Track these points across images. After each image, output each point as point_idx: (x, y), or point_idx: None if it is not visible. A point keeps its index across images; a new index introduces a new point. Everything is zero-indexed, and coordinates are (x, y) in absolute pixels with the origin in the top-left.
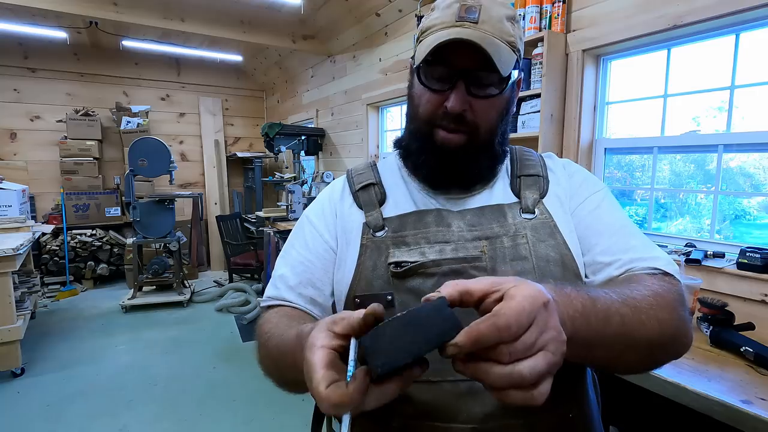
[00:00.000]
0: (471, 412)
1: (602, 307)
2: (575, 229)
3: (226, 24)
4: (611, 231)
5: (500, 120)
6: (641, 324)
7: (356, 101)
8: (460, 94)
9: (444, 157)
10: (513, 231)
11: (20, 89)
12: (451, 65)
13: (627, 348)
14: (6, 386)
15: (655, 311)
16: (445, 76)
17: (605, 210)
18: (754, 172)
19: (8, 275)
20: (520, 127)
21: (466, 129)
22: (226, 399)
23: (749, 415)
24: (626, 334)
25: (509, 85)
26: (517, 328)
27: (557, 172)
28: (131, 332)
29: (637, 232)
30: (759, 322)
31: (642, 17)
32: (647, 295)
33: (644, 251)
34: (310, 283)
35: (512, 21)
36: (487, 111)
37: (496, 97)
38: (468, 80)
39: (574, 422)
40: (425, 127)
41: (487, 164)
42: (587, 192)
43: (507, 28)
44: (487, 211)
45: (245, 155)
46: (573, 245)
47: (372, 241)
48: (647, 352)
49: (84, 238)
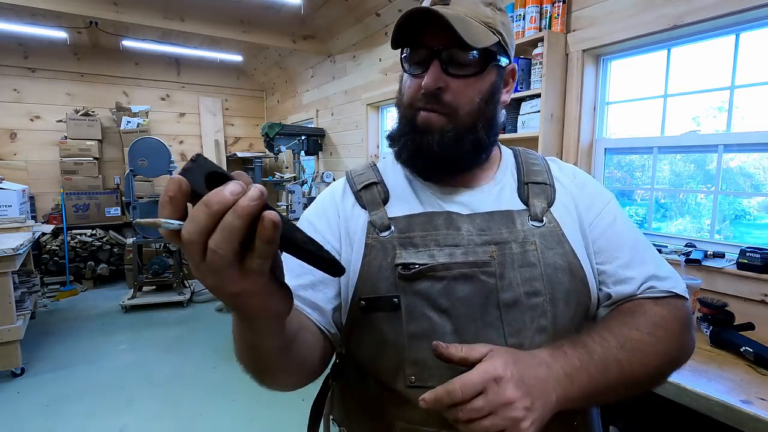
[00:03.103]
0: None
1: (600, 358)
2: (597, 240)
3: (226, 24)
4: (629, 245)
5: (483, 104)
6: (641, 364)
7: (356, 101)
8: (434, 71)
9: (423, 137)
10: (522, 237)
11: (20, 89)
12: (426, 46)
13: (631, 386)
14: (6, 386)
15: (654, 347)
16: (423, 59)
17: (621, 222)
18: (754, 172)
19: (8, 275)
20: (520, 127)
21: (443, 109)
22: (226, 399)
23: (749, 415)
24: (627, 376)
25: (491, 67)
26: (463, 395)
27: (564, 181)
28: (131, 332)
29: (648, 244)
30: (759, 322)
31: (642, 17)
32: (647, 333)
33: (658, 267)
34: (310, 285)
35: (491, 6)
36: (464, 91)
37: (475, 77)
38: (442, 59)
39: (579, 428)
40: (408, 111)
41: (470, 148)
42: (601, 203)
43: (482, 10)
44: (496, 216)
45: (245, 155)
46: (581, 253)
47: (378, 241)
48: (651, 382)
49: (84, 238)
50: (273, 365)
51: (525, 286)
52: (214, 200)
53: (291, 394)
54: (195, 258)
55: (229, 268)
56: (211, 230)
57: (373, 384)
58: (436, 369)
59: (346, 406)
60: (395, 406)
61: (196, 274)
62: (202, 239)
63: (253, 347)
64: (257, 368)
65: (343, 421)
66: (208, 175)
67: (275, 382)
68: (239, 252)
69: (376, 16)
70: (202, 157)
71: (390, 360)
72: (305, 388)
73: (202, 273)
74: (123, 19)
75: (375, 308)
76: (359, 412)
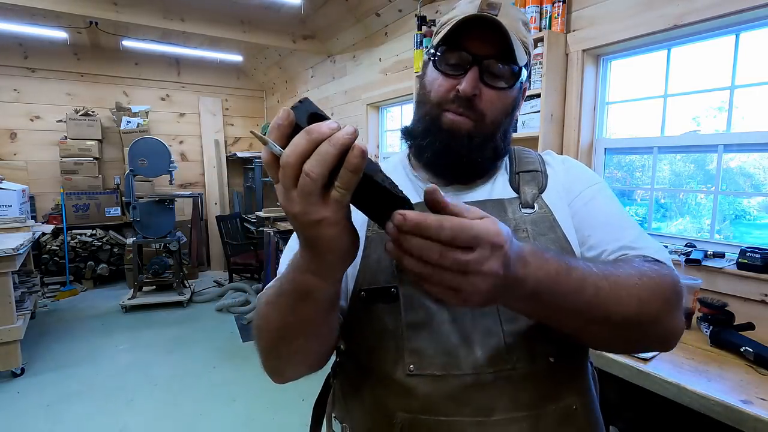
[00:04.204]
0: (477, 405)
1: (577, 275)
2: (572, 219)
3: (226, 24)
4: (604, 223)
5: (505, 116)
6: (618, 299)
7: (356, 101)
8: (473, 77)
9: (449, 139)
10: (513, 225)
11: (20, 89)
12: (468, 51)
13: (599, 320)
14: (6, 386)
15: (637, 290)
16: (461, 62)
17: (599, 202)
18: (754, 172)
19: (8, 275)
20: (520, 127)
21: (473, 115)
22: (226, 399)
23: (749, 415)
24: (599, 306)
25: (518, 83)
26: (452, 237)
27: (555, 166)
28: (131, 332)
29: (631, 224)
30: (759, 322)
31: (642, 17)
32: (632, 274)
33: (636, 242)
34: None
35: (526, 26)
36: (494, 102)
37: (506, 90)
38: (482, 67)
39: (578, 413)
40: (435, 110)
41: (490, 155)
42: (583, 185)
43: (522, 29)
44: (488, 205)
45: (245, 155)
46: (572, 238)
47: (377, 234)
48: (623, 329)
49: (84, 238)
50: (310, 327)
51: None
52: (314, 129)
53: (291, 394)
54: (287, 182)
55: (316, 194)
56: (307, 156)
57: (373, 376)
58: (435, 357)
59: (347, 403)
60: (395, 396)
61: (284, 203)
62: (298, 162)
63: (305, 297)
64: (291, 331)
65: (344, 417)
66: (311, 114)
67: (291, 359)
68: (327, 180)
69: (376, 16)
70: (308, 100)
71: (389, 350)
72: (304, 388)
73: (290, 200)
74: (123, 19)
75: (374, 299)
76: (360, 407)
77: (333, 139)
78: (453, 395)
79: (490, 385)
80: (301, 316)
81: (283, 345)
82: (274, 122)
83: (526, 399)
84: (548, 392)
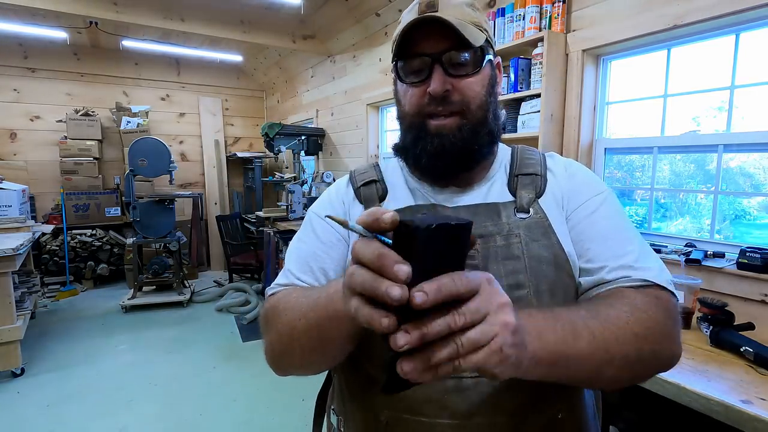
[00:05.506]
0: (456, 408)
1: (567, 321)
2: (572, 230)
3: (226, 24)
4: (605, 237)
5: (488, 96)
6: (615, 339)
7: (356, 101)
8: (438, 75)
9: (442, 143)
10: (506, 230)
11: (20, 89)
12: (425, 54)
13: (603, 363)
14: (6, 386)
15: (631, 326)
16: (422, 66)
17: (602, 214)
18: (754, 172)
19: (8, 275)
20: (520, 127)
21: (456, 110)
22: (226, 399)
23: (749, 415)
24: (601, 349)
25: (485, 61)
26: (457, 288)
27: (557, 172)
28: (131, 332)
29: (634, 238)
30: (759, 322)
31: (642, 17)
32: (624, 311)
33: (638, 259)
34: (323, 272)
35: (472, 7)
36: (471, 88)
37: (476, 74)
38: (443, 63)
39: (564, 424)
40: (417, 119)
41: (486, 140)
42: (586, 195)
43: (468, 11)
44: (481, 209)
45: (245, 155)
46: (567, 245)
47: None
48: (626, 367)
49: (84, 238)
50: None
51: (508, 278)
52: (376, 265)
53: (291, 394)
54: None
55: None
56: None
57: (363, 374)
58: None
59: (343, 397)
60: (382, 395)
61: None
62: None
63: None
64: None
65: (341, 411)
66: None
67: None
68: None
69: (376, 16)
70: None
71: (379, 348)
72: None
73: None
74: (123, 19)
75: None
76: (352, 403)
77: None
78: (433, 398)
79: (471, 390)
80: (328, 334)
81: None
82: (378, 216)
83: (508, 405)
84: (532, 400)
